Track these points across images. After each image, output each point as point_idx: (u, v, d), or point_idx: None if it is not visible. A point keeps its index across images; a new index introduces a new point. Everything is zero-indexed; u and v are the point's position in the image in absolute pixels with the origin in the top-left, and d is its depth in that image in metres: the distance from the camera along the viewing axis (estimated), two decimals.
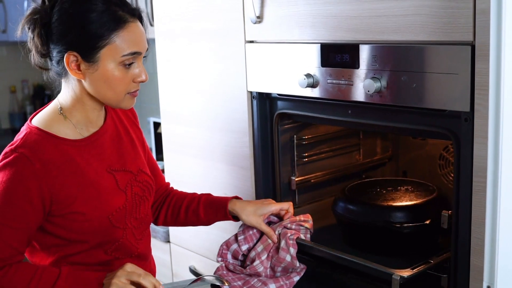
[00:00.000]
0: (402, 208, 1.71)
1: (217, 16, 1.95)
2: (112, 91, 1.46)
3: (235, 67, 1.92)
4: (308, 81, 1.66)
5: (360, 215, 1.75)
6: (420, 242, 1.69)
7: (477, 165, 1.34)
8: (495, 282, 1.34)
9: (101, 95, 1.47)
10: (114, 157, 1.57)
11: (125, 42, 1.42)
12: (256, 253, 1.69)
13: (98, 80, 1.44)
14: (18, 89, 4.58)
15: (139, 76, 1.47)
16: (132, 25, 1.44)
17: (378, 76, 1.50)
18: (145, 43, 1.48)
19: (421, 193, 1.79)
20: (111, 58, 1.42)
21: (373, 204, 1.75)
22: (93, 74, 1.43)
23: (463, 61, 1.32)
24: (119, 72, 1.44)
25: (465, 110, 1.34)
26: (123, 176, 1.57)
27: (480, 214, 1.34)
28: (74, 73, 1.44)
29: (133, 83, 1.48)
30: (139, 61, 1.48)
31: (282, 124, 1.93)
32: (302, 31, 1.67)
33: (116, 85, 1.45)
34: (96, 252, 1.52)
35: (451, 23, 1.33)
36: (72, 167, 1.47)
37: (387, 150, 2.28)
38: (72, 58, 1.42)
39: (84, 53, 1.41)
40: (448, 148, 2.05)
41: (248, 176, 1.96)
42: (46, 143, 1.45)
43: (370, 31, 1.50)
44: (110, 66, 1.43)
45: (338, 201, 1.83)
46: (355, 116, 1.64)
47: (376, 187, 1.89)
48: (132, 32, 1.43)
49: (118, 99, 1.48)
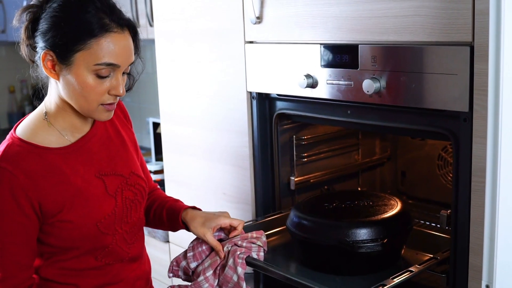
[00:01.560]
0: (355, 226, 1.56)
1: (217, 16, 1.96)
2: (84, 99, 1.41)
3: (235, 67, 1.92)
4: (307, 82, 1.66)
5: (312, 233, 1.61)
6: (377, 262, 1.59)
7: (476, 165, 1.35)
8: (494, 281, 1.35)
9: (74, 101, 1.43)
10: (104, 161, 1.53)
11: (102, 51, 1.36)
12: (202, 268, 1.58)
13: (71, 85, 1.40)
14: (17, 89, 4.58)
15: (114, 88, 1.41)
16: (116, 35, 1.37)
17: (377, 76, 1.51)
18: (126, 57, 1.40)
19: (380, 209, 1.66)
20: (85, 64, 1.37)
21: (324, 222, 1.62)
22: (66, 76, 1.39)
23: (462, 61, 1.33)
24: (92, 80, 1.38)
25: (464, 110, 1.35)
26: (113, 180, 1.53)
27: (479, 214, 1.35)
28: (48, 72, 1.41)
29: (108, 95, 1.42)
30: (118, 73, 1.41)
31: (281, 124, 1.93)
32: (301, 32, 1.68)
33: (88, 93, 1.39)
34: (87, 258, 1.51)
35: (450, 24, 1.34)
36: (58, 176, 1.44)
37: (385, 150, 2.29)
38: (48, 57, 1.39)
39: (59, 54, 1.37)
40: (446, 148, 2.05)
41: (247, 176, 1.96)
42: (29, 154, 1.42)
43: (370, 32, 1.51)
44: (83, 72, 1.37)
45: (291, 216, 1.71)
46: (355, 117, 1.65)
47: (334, 201, 1.76)
48: (113, 43, 1.37)
49: (90, 109, 1.43)
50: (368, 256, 1.54)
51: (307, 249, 1.65)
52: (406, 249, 1.69)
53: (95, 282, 1.53)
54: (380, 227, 1.56)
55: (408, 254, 1.69)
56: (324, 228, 1.60)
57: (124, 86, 1.44)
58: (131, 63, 1.44)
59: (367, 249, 1.52)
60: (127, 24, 1.41)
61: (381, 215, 1.61)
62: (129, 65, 1.43)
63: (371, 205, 1.70)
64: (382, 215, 1.61)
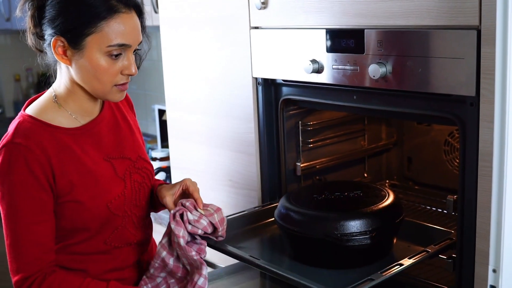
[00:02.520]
0: (343, 218, 1.52)
1: (222, 2, 1.95)
2: (98, 81, 1.43)
3: (240, 53, 1.92)
4: (313, 67, 1.66)
5: (299, 225, 1.58)
6: (366, 255, 1.56)
7: (483, 149, 1.34)
8: (501, 266, 1.34)
9: (87, 84, 1.45)
10: (112, 145, 1.55)
11: (113, 32, 1.38)
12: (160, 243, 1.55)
13: (84, 68, 1.42)
14: (23, 77, 4.59)
15: (127, 68, 1.44)
16: (124, 16, 1.40)
17: (383, 61, 1.50)
18: (136, 36, 1.43)
19: (370, 200, 1.62)
20: (97, 47, 1.39)
21: (311, 213, 1.59)
22: (78, 61, 1.41)
23: (469, 45, 1.32)
24: (105, 62, 1.41)
25: (471, 94, 1.34)
26: (121, 163, 1.55)
27: (486, 199, 1.35)
28: (60, 58, 1.42)
29: (121, 75, 1.44)
30: (129, 53, 1.44)
31: (287, 110, 1.93)
32: (307, 17, 1.67)
33: (102, 75, 1.42)
34: (96, 242, 1.52)
35: (457, 8, 1.33)
36: (69, 154, 1.45)
37: (391, 136, 2.28)
38: (58, 43, 1.40)
39: (70, 39, 1.39)
40: (453, 133, 2.05)
41: (253, 162, 1.96)
42: (41, 131, 1.43)
43: (376, 16, 1.50)
44: (95, 55, 1.40)
45: (279, 207, 1.68)
46: (361, 102, 1.64)
47: (324, 192, 1.72)
48: (122, 23, 1.39)
49: (104, 90, 1.45)
50: (357, 249, 1.51)
51: (295, 242, 1.62)
52: (398, 241, 1.65)
53: (104, 267, 1.54)
54: (369, 219, 1.52)
55: (400, 247, 1.65)
56: (312, 220, 1.56)
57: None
58: (140, 42, 1.46)
59: (355, 242, 1.48)
60: (133, 4, 1.43)
61: (371, 207, 1.57)
62: (138, 44, 1.46)
63: (361, 197, 1.67)
64: (372, 207, 1.57)
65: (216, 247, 1.60)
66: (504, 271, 1.35)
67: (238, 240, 1.73)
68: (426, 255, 1.48)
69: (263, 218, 1.85)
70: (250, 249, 1.67)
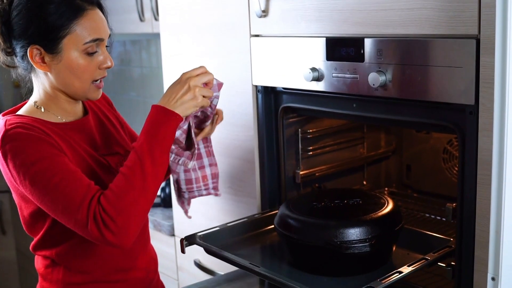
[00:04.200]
0: (343, 226, 1.52)
1: (222, 10, 1.96)
2: (78, 80, 1.47)
3: (240, 61, 1.92)
4: (313, 75, 1.66)
5: (298, 233, 1.57)
6: (365, 263, 1.56)
7: (482, 158, 1.35)
8: (500, 274, 1.35)
9: (68, 86, 1.48)
10: (101, 142, 1.59)
11: (85, 30, 1.43)
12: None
13: (64, 71, 1.45)
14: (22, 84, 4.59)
15: (104, 62, 1.48)
16: (91, 12, 1.45)
17: (383, 69, 1.51)
18: (106, 29, 1.49)
19: (369, 208, 1.61)
20: (74, 47, 1.43)
21: (311, 221, 1.58)
22: (57, 65, 1.44)
23: (468, 54, 1.33)
24: (83, 60, 1.45)
25: (470, 103, 1.35)
26: (113, 158, 1.59)
27: (485, 207, 1.35)
28: (39, 66, 1.45)
29: (99, 70, 1.49)
30: (102, 47, 1.48)
31: (287, 118, 1.93)
32: (307, 25, 1.68)
33: (82, 73, 1.46)
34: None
35: (456, 17, 1.34)
36: (66, 144, 1.46)
37: (391, 143, 2.29)
38: (35, 52, 1.43)
39: (46, 45, 1.42)
40: (452, 141, 2.05)
41: (253, 170, 1.97)
42: (32, 123, 1.44)
43: (375, 25, 1.51)
44: (73, 55, 1.44)
45: (278, 215, 1.68)
46: (360, 110, 1.65)
47: (323, 199, 1.72)
48: (92, 20, 1.44)
49: (84, 89, 1.48)
50: (356, 257, 1.51)
51: (294, 249, 1.62)
52: (398, 248, 1.65)
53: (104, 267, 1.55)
54: (368, 227, 1.52)
55: (399, 254, 1.65)
56: (311, 228, 1.56)
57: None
58: (109, 35, 1.51)
59: (354, 250, 1.48)
60: (95, 0, 1.49)
61: (370, 214, 1.56)
62: (108, 37, 1.51)
63: (360, 204, 1.67)
64: (371, 214, 1.56)
65: (216, 254, 1.60)
66: (503, 279, 1.35)
67: (238, 247, 1.74)
68: (425, 263, 1.49)
69: (263, 225, 1.85)
70: (249, 256, 1.67)
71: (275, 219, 1.69)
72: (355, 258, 1.52)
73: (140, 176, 1.38)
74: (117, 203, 1.35)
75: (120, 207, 1.34)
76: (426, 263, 1.49)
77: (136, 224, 1.38)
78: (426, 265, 1.49)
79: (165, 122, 1.44)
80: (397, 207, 1.64)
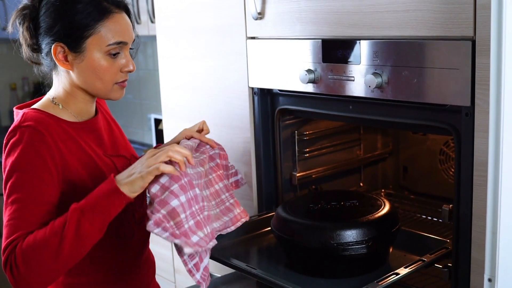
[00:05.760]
0: (339, 227, 1.52)
1: (219, 12, 1.96)
2: (100, 81, 1.48)
3: (237, 63, 1.92)
4: (309, 77, 1.67)
5: (295, 235, 1.58)
6: (362, 265, 1.56)
7: (478, 159, 1.35)
8: (496, 275, 1.35)
9: (90, 85, 1.49)
10: (109, 143, 1.60)
11: (110, 32, 1.45)
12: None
13: (86, 70, 1.47)
14: (19, 86, 4.58)
15: (126, 66, 1.50)
16: (117, 16, 1.46)
17: (379, 71, 1.51)
18: (130, 34, 1.50)
19: (366, 210, 1.62)
20: (97, 48, 1.45)
21: (307, 223, 1.58)
22: (80, 64, 1.46)
23: (463, 56, 1.33)
24: (105, 61, 1.46)
25: (466, 104, 1.35)
26: (118, 161, 1.59)
27: (481, 208, 1.35)
28: (61, 64, 1.47)
29: (121, 73, 1.50)
30: (126, 51, 1.50)
31: (283, 119, 1.93)
32: (303, 27, 1.68)
33: (103, 74, 1.47)
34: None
35: (452, 19, 1.34)
36: (75, 144, 1.48)
37: (387, 145, 2.29)
38: (59, 49, 1.45)
39: (71, 43, 1.44)
40: (448, 143, 2.06)
41: (249, 172, 1.97)
42: (48, 119, 1.45)
43: (371, 27, 1.51)
44: (96, 55, 1.45)
45: (275, 217, 1.68)
46: (356, 112, 1.65)
47: (320, 201, 1.72)
48: (117, 23, 1.46)
49: (106, 89, 1.50)
50: (353, 258, 1.51)
51: (291, 251, 1.62)
52: (394, 250, 1.65)
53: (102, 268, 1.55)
54: (365, 228, 1.52)
55: (396, 256, 1.65)
56: (308, 229, 1.56)
57: None
58: (134, 40, 1.53)
59: (351, 252, 1.49)
60: (123, 4, 1.51)
61: (367, 216, 1.57)
62: (132, 42, 1.52)
63: (357, 206, 1.67)
64: (368, 216, 1.57)
65: (213, 257, 1.60)
66: (499, 280, 1.35)
67: (235, 249, 1.74)
68: (422, 264, 1.49)
69: (260, 227, 1.85)
70: (246, 258, 1.67)
71: (272, 221, 1.69)
72: (352, 260, 1.52)
73: (58, 238, 1.31)
74: (27, 253, 1.31)
75: (27, 258, 1.32)
76: (423, 264, 1.49)
77: (38, 281, 1.34)
78: (423, 266, 1.49)
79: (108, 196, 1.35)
80: (393, 209, 1.64)
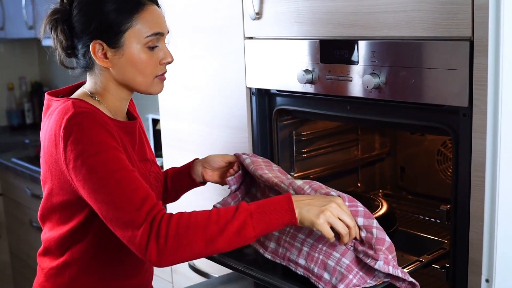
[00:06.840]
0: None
1: (216, 12, 1.96)
2: (141, 75, 1.49)
3: (234, 63, 1.92)
4: (307, 77, 1.66)
5: None
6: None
7: (476, 160, 1.35)
8: (494, 276, 1.35)
9: (131, 80, 1.50)
10: (139, 147, 1.61)
11: (146, 24, 1.46)
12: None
13: (126, 66, 1.47)
14: (16, 86, 4.58)
15: (165, 58, 1.51)
16: (151, 7, 1.48)
17: (377, 72, 1.51)
18: (165, 25, 1.52)
19: None
20: (136, 41, 1.46)
21: None
22: (120, 59, 1.46)
23: (461, 56, 1.33)
24: (145, 54, 1.47)
25: (464, 105, 1.35)
26: (145, 165, 1.60)
27: (479, 209, 1.35)
28: (101, 62, 1.46)
29: (160, 65, 1.51)
30: (162, 43, 1.51)
31: (281, 120, 1.93)
32: (301, 27, 1.68)
33: (144, 68, 1.48)
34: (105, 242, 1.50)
35: (449, 19, 1.34)
36: (121, 143, 1.45)
37: (385, 145, 2.29)
38: (98, 47, 1.45)
39: (109, 40, 1.45)
40: (446, 143, 2.06)
41: None
42: (96, 109, 1.45)
43: (369, 27, 1.51)
44: (135, 49, 1.46)
45: None
46: (354, 112, 1.65)
47: None
48: (152, 14, 1.47)
49: (147, 83, 1.51)
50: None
51: None
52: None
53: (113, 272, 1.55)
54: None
55: None
56: None
57: None
58: (168, 31, 1.54)
59: None
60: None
61: None
62: (167, 33, 1.53)
63: None
64: None
65: (211, 258, 1.60)
66: (497, 281, 1.35)
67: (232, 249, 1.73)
68: (420, 265, 1.49)
69: None
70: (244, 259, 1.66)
71: None
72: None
73: (218, 228, 1.31)
74: (182, 230, 1.30)
75: (180, 234, 1.30)
76: (420, 265, 1.49)
77: (180, 258, 1.33)
78: (420, 267, 1.49)
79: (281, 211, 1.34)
80: (391, 209, 1.64)
